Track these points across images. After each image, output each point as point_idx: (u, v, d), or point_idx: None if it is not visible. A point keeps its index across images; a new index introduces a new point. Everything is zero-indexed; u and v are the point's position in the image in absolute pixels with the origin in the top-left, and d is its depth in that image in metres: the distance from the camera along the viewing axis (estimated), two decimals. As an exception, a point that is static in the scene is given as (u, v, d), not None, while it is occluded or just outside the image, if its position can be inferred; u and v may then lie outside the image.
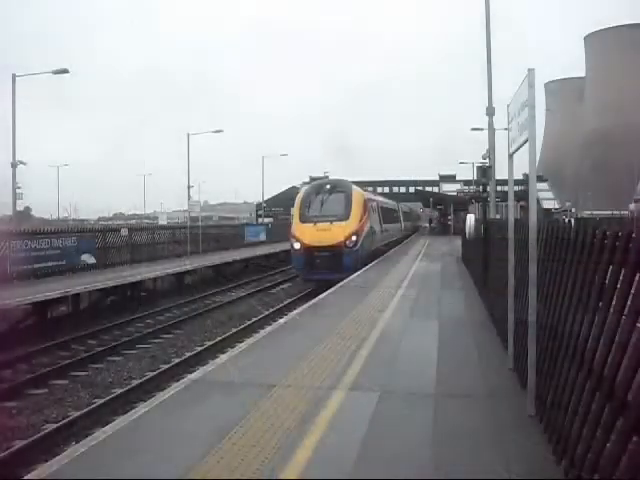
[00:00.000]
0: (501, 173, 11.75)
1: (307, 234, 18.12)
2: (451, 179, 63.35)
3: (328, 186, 19.70)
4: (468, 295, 11.77)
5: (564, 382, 3.61)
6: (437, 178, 66.60)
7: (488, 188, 13.06)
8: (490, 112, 14.33)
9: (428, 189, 59.66)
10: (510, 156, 5.52)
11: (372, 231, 20.77)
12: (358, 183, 28.16)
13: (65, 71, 21.86)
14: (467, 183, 52.52)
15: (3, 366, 9.78)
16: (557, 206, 64.94)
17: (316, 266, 17.84)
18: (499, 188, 18.67)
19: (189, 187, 29.54)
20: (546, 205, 61.16)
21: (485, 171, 12.86)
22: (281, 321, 9.41)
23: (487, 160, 14.48)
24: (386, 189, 61.86)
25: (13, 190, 22.11)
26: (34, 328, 12.47)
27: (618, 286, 2.83)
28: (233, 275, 24.13)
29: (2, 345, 10.45)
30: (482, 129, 20.18)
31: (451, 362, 6.41)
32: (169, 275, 18.88)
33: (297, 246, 18.29)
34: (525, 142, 4.62)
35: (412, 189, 61.68)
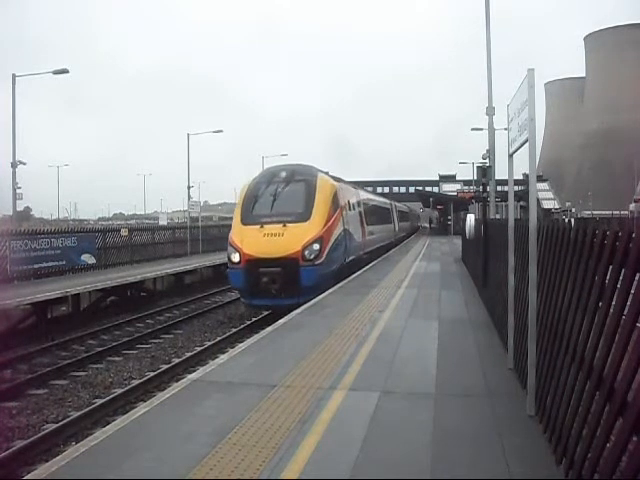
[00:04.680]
0: (501, 173, 11.73)
1: (249, 241, 12.92)
2: (451, 179, 63.60)
3: (284, 173, 14.32)
4: (468, 295, 11.77)
5: (564, 382, 3.61)
6: (437, 178, 66.79)
7: (488, 188, 13.05)
8: (490, 112, 14.32)
9: (428, 189, 59.80)
10: (510, 156, 5.52)
11: (347, 236, 15.47)
12: (358, 183, 27.68)
13: (65, 71, 21.87)
14: (467, 183, 52.73)
15: (3, 366, 9.79)
16: (557, 206, 65.00)
17: (262, 287, 12.48)
18: (499, 188, 18.66)
19: (189, 187, 29.57)
20: (546, 205, 61.31)
21: (485, 171, 12.84)
22: (281, 321, 9.40)
23: (487, 160, 14.47)
24: (386, 189, 62.12)
25: (13, 190, 22.12)
26: (34, 328, 12.50)
27: (618, 286, 2.83)
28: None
29: (2, 345, 10.47)
30: (482, 129, 20.25)
31: (451, 362, 6.40)
32: (169, 275, 18.89)
33: (235, 258, 12.89)
34: (525, 142, 4.62)
35: (412, 189, 61.86)
